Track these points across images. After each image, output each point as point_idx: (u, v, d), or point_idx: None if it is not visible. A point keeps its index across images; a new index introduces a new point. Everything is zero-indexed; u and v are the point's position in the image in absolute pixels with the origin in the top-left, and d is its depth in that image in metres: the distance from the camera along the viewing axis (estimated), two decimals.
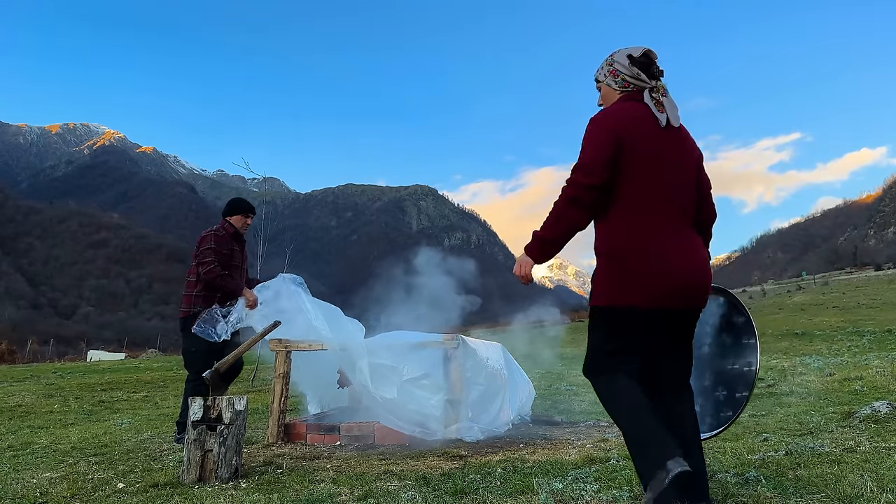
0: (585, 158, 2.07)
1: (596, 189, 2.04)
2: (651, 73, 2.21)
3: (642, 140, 2.09)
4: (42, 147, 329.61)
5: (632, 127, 2.09)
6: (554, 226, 2.08)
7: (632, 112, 2.14)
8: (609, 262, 2.10)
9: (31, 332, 45.08)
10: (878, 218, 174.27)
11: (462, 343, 4.30)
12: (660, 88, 2.20)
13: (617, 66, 2.25)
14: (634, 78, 2.21)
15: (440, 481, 2.84)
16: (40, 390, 9.33)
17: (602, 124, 2.11)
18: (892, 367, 6.84)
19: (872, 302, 24.12)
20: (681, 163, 2.18)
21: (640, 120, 2.13)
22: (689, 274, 2.07)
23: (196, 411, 3.21)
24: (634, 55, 2.21)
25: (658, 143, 2.12)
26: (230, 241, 4.65)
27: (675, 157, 2.16)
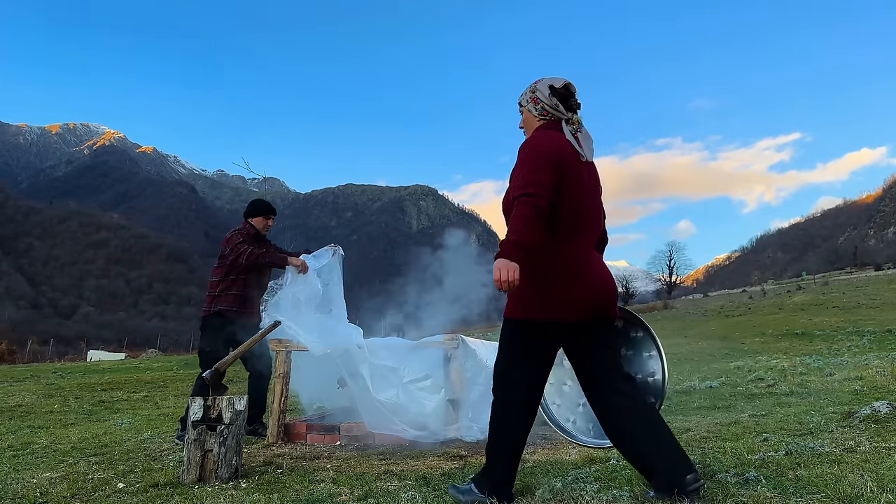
0: (534, 177, 2.18)
1: (551, 205, 2.19)
2: (568, 106, 2.37)
3: (571, 169, 2.27)
4: (42, 147, 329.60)
5: (565, 156, 2.27)
6: (527, 231, 2.14)
7: (561, 142, 2.31)
8: (541, 280, 2.24)
9: (31, 332, 45.10)
10: (878, 218, 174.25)
11: (462, 343, 4.30)
12: (575, 122, 2.37)
13: (538, 95, 2.38)
14: (553, 108, 2.36)
15: (440, 481, 2.84)
16: (40, 390, 9.33)
17: (541, 150, 2.25)
18: (892, 367, 6.84)
19: (872, 302, 24.10)
20: (594, 191, 2.40)
21: (568, 150, 2.30)
22: (605, 289, 2.32)
23: (196, 411, 3.21)
24: (556, 86, 2.36)
25: (580, 173, 2.31)
26: (252, 242, 4.71)
27: (591, 187, 2.37)
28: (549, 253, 2.24)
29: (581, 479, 2.66)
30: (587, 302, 2.26)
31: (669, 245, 70.26)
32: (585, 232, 2.32)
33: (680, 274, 70.76)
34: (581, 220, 2.30)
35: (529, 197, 2.15)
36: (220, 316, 4.62)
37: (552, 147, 2.26)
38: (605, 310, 2.32)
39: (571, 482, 2.60)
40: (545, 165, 2.19)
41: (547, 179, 2.18)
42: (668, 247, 70.13)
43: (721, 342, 14.82)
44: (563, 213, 2.24)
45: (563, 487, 2.51)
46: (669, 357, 9.54)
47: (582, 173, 2.31)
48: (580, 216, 2.29)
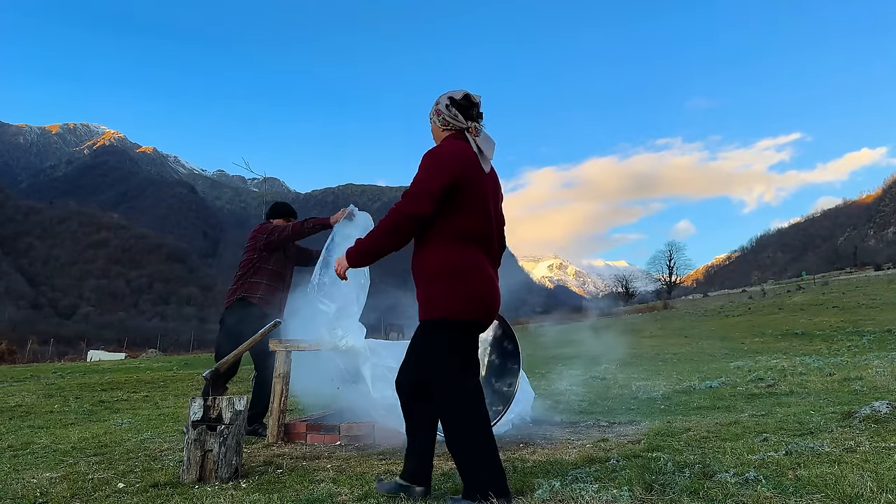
0: (421, 188, 2.31)
1: (424, 218, 2.30)
2: (469, 115, 2.47)
3: (473, 177, 2.38)
4: (42, 147, 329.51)
5: (467, 165, 2.37)
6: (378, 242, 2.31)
7: (465, 151, 2.41)
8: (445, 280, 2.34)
9: (31, 332, 45.07)
10: (877, 218, 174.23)
11: None
12: (472, 129, 2.46)
13: (440, 107, 2.52)
14: (453, 118, 2.47)
15: (440, 481, 2.83)
16: (40, 390, 9.33)
17: (441, 160, 2.36)
18: (892, 367, 6.84)
19: (872, 302, 24.10)
20: (495, 199, 2.52)
21: (471, 160, 2.40)
22: (491, 294, 2.42)
23: (196, 411, 3.21)
24: (455, 98, 2.48)
25: (482, 182, 2.42)
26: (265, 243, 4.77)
27: (491, 195, 2.48)
28: (444, 255, 2.35)
29: (581, 478, 2.66)
30: (481, 304, 2.38)
31: (669, 245, 70.35)
32: (480, 238, 2.42)
33: (680, 274, 70.84)
34: (476, 227, 2.40)
35: (405, 205, 2.30)
36: (244, 301, 4.62)
37: (451, 157, 2.37)
38: (489, 314, 2.44)
39: (571, 482, 2.60)
40: (438, 174, 2.31)
41: (436, 188, 2.29)
42: (667, 247, 70.23)
43: (721, 342, 14.82)
44: (458, 219, 2.36)
45: (563, 487, 2.51)
46: (670, 357, 9.58)
47: (482, 181, 2.42)
48: (476, 222, 2.40)
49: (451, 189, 2.32)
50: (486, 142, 2.45)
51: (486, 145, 2.45)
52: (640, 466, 2.76)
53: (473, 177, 2.37)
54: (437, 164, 2.35)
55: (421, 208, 2.29)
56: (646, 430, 4.16)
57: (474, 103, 2.49)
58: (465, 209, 2.35)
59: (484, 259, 2.43)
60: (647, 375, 8.60)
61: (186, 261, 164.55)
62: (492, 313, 2.43)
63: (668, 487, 2.43)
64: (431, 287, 2.37)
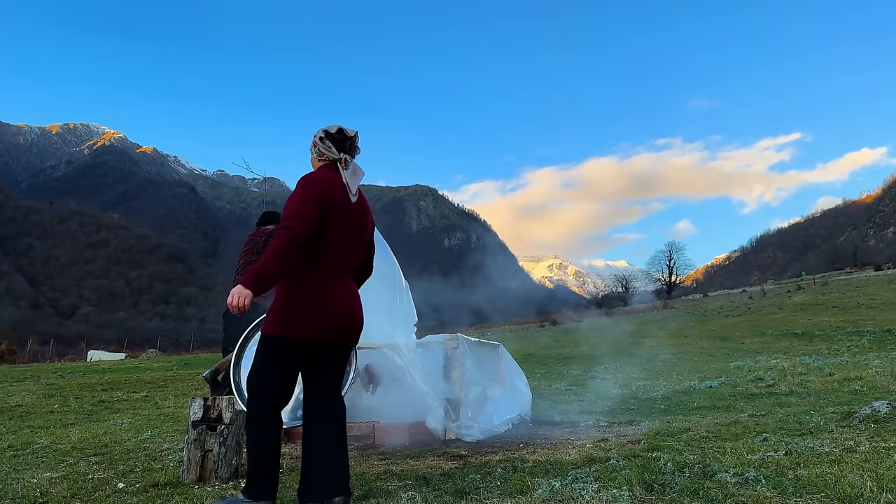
0: (298, 211, 2.44)
1: (307, 240, 2.43)
2: (341, 147, 2.63)
3: (338, 206, 2.53)
4: (42, 147, 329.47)
5: (335, 192, 2.53)
6: (274, 264, 2.37)
7: (333, 179, 2.58)
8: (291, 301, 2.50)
9: (31, 332, 45.04)
10: (877, 218, 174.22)
11: (462, 343, 4.30)
12: (343, 161, 2.62)
13: (316, 139, 2.69)
14: (326, 150, 2.64)
15: (440, 481, 2.84)
16: (40, 390, 9.33)
17: (312, 186, 2.52)
18: (891, 367, 6.84)
19: (872, 302, 24.10)
20: (359, 227, 2.65)
21: (338, 187, 2.56)
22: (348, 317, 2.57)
23: (196, 411, 3.21)
24: (330, 132, 2.65)
25: (347, 210, 2.57)
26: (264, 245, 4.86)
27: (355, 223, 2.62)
28: (302, 278, 2.50)
29: (580, 479, 2.66)
30: (329, 326, 2.52)
31: (669, 245, 70.19)
32: (341, 263, 2.59)
33: (680, 274, 70.73)
34: (338, 253, 2.56)
35: (286, 230, 2.41)
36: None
37: (322, 184, 2.53)
38: (344, 336, 2.59)
39: (571, 482, 2.60)
40: (309, 201, 2.46)
41: (309, 214, 2.43)
42: (667, 247, 70.07)
43: (721, 342, 14.82)
44: (321, 245, 2.50)
45: (563, 487, 2.51)
46: (670, 357, 9.57)
47: (349, 210, 2.58)
48: (338, 249, 2.56)
49: (322, 213, 2.48)
50: (354, 174, 2.63)
51: (353, 178, 2.62)
52: (640, 466, 2.76)
53: (340, 203, 2.54)
54: (309, 189, 2.51)
55: (301, 231, 2.42)
56: (646, 430, 4.16)
57: (347, 137, 2.65)
58: (329, 233, 2.51)
59: (339, 281, 2.57)
60: (647, 375, 8.60)
61: (186, 261, 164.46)
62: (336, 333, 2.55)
63: (668, 487, 2.43)
64: (277, 304, 2.53)
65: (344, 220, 2.54)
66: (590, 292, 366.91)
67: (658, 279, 70.25)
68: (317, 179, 2.55)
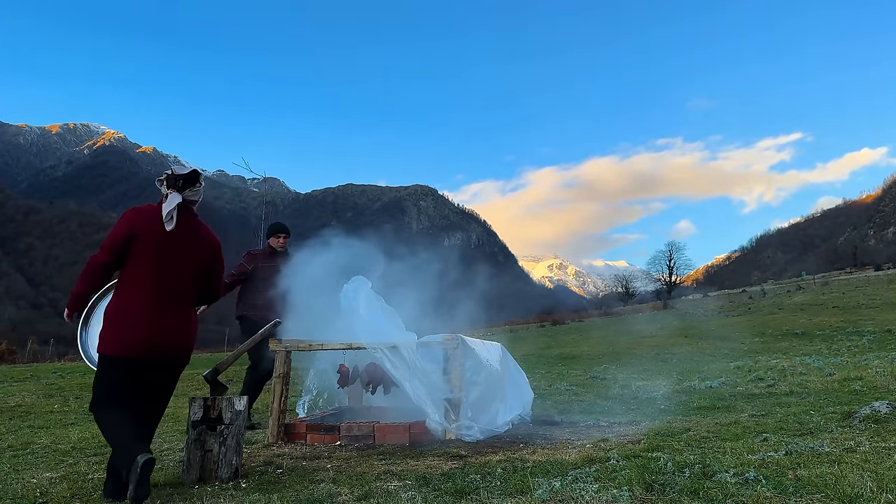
0: (106, 240, 2.90)
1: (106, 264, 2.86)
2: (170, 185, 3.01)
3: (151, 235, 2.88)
4: (42, 147, 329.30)
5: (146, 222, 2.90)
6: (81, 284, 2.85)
7: (150, 211, 2.97)
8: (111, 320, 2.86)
9: (31, 332, 44.96)
10: (877, 218, 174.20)
11: (462, 343, 4.30)
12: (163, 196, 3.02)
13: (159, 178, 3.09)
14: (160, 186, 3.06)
15: (440, 481, 2.84)
16: (40, 390, 9.32)
17: (126, 218, 2.94)
18: (891, 367, 6.84)
19: (872, 302, 24.11)
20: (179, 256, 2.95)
21: (153, 219, 2.92)
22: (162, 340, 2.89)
23: (196, 411, 3.21)
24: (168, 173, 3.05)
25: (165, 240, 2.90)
26: (259, 259, 5.49)
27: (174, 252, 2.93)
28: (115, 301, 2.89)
29: (581, 479, 2.66)
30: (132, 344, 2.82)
31: (669, 245, 70.17)
32: (158, 288, 2.90)
33: (680, 274, 70.70)
34: (154, 278, 2.89)
35: (92, 255, 2.87)
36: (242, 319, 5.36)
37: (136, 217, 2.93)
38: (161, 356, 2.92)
39: (571, 482, 2.60)
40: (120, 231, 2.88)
41: (114, 242, 2.87)
42: (667, 247, 70.06)
43: (721, 342, 14.82)
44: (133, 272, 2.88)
45: (563, 487, 2.51)
46: (670, 357, 9.53)
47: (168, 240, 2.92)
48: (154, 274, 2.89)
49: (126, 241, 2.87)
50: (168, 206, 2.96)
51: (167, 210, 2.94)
52: (640, 466, 2.76)
53: (153, 235, 2.89)
54: (121, 220, 2.94)
55: (102, 257, 2.87)
56: (646, 430, 4.16)
57: (176, 176, 3.03)
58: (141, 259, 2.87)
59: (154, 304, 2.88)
60: (647, 375, 8.60)
61: None
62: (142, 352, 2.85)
63: (668, 487, 2.43)
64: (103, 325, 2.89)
65: (155, 249, 2.90)
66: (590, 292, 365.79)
67: (658, 279, 70.24)
68: (133, 212, 2.99)
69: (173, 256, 2.93)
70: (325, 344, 4.52)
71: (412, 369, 4.16)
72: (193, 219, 3.08)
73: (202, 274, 3.09)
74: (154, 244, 2.88)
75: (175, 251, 2.94)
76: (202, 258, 3.07)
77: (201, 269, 3.07)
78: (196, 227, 3.07)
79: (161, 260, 2.89)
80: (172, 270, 2.93)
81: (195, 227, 3.06)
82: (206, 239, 3.10)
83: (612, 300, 69.43)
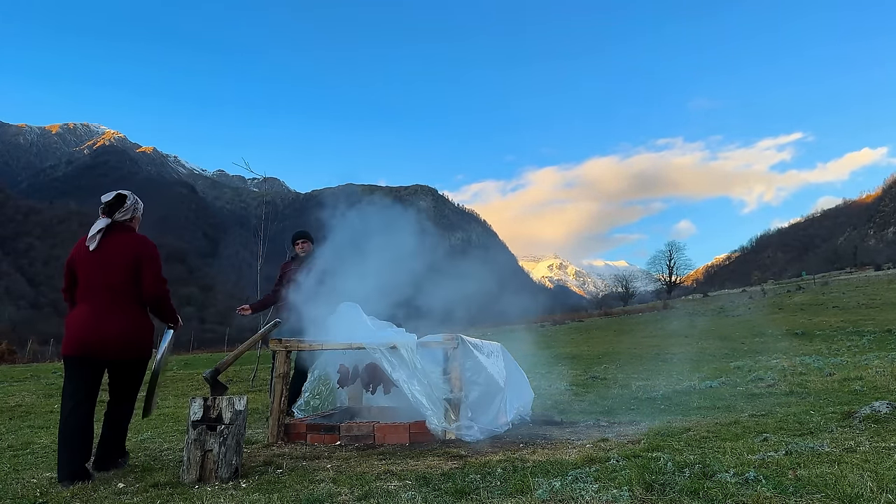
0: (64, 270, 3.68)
1: (64, 290, 3.70)
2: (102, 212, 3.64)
3: (80, 256, 3.54)
4: (42, 147, 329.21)
5: (75, 251, 3.59)
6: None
7: (80, 241, 3.61)
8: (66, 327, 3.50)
9: (31, 332, 44.97)
10: (877, 218, 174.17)
11: (462, 343, 4.30)
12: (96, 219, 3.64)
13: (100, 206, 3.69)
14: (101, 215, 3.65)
15: (440, 481, 2.84)
16: (40, 390, 9.32)
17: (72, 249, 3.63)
18: (892, 367, 6.84)
19: (872, 302, 24.12)
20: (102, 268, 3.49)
21: (81, 245, 3.58)
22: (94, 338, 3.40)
23: (196, 411, 3.21)
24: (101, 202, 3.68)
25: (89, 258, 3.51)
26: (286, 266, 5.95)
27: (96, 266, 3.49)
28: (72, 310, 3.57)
29: (580, 479, 2.66)
30: (78, 345, 3.39)
31: (669, 245, 70.21)
32: (85, 294, 3.51)
33: (680, 274, 70.75)
34: (83, 290, 3.52)
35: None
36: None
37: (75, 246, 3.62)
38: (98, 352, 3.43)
39: (571, 482, 2.60)
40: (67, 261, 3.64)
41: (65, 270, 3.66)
42: (667, 247, 70.09)
43: (721, 342, 14.81)
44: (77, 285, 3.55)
45: (563, 487, 2.51)
46: (670, 357, 9.51)
47: (91, 257, 3.50)
48: (83, 287, 3.51)
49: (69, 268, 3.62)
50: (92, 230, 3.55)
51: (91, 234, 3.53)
52: (640, 466, 2.76)
53: (81, 256, 3.54)
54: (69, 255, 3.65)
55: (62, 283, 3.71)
56: (646, 430, 4.16)
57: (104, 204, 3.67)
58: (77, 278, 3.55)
59: (88, 310, 3.46)
60: (647, 375, 8.60)
61: (186, 261, 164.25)
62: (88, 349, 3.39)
63: (668, 487, 2.43)
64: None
65: (82, 266, 3.52)
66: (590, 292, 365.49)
67: (658, 279, 70.27)
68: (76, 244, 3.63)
69: (99, 270, 3.50)
70: (325, 344, 4.52)
71: (412, 369, 4.16)
72: (122, 234, 3.61)
73: (131, 278, 3.54)
74: (82, 263, 3.52)
75: (100, 265, 3.50)
76: (124, 266, 3.54)
77: (128, 274, 3.53)
78: (123, 240, 3.59)
79: (87, 274, 3.50)
80: (99, 281, 3.49)
81: (121, 241, 3.58)
82: (129, 249, 3.58)
83: (612, 300, 69.47)
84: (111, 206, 3.66)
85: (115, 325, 3.45)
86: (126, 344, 3.49)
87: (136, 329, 3.54)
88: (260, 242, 10.52)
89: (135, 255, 3.56)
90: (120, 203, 3.69)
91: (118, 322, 3.47)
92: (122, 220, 3.67)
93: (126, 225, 3.68)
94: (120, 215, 3.66)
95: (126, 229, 3.66)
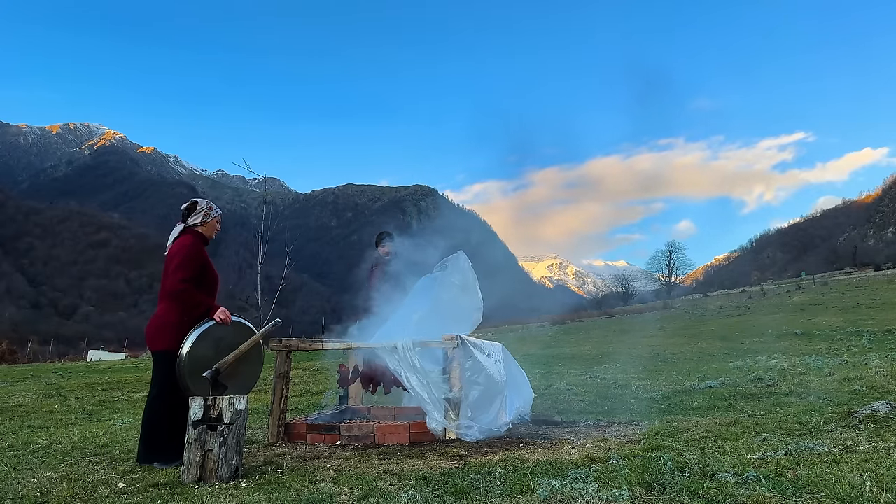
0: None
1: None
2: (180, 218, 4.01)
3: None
4: (42, 147, 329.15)
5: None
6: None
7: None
8: None
9: (31, 332, 45.02)
10: (877, 218, 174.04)
11: (462, 343, 4.30)
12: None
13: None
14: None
15: (440, 481, 2.84)
16: (41, 390, 9.32)
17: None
18: (891, 367, 6.84)
19: (872, 302, 24.12)
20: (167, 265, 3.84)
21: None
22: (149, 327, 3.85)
23: (196, 411, 3.21)
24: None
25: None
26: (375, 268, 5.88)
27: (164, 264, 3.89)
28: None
29: (581, 478, 2.66)
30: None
31: (669, 245, 70.18)
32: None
33: (679, 274, 70.77)
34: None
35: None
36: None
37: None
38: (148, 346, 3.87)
39: (571, 482, 2.60)
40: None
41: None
42: (667, 247, 70.07)
43: (721, 342, 14.82)
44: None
45: (563, 487, 2.51)
46: (670, 357, 9.50)
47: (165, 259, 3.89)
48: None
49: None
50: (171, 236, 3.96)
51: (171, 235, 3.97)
52: (639, 466, 2.76)
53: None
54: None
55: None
56: (646, 430, 4.16)
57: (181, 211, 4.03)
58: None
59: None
60: (647, 375, 8.60)
61: None
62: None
63: (668, 487, 2.43)
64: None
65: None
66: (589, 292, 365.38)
67: (658, 279, 70.26)
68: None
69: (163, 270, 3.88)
70: (325, 344, 4.53)
71: (412, 369, 4.16)
72: (180, 237, 3.90)
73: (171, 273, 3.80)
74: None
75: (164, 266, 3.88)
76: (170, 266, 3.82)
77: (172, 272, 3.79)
78: (176, 243, 3.87)
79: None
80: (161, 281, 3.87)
81: (175, 244, 3.88)
82: (173, 250, 3.87)
83: (612, 300, 69.45)
84: (185, 211, 4.01)
85: (153, 318, 3.86)
86: (147, 336, 3.83)
87: (153, 322, 3.82)
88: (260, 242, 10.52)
89: (169, 255, 3.87)
90: (192, 209, 4.02)
91: (152, 317, 3.88)
92: (194, 224, 3.97)
93: (194, 230, 3.97)
94: (192, 220, 3.98)
95: (192, 233, 3.94)
